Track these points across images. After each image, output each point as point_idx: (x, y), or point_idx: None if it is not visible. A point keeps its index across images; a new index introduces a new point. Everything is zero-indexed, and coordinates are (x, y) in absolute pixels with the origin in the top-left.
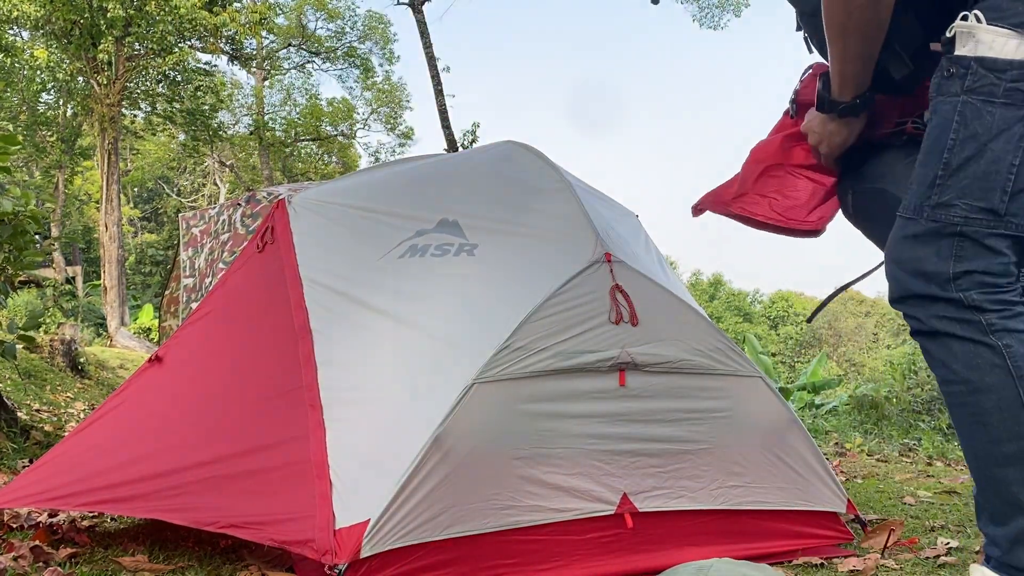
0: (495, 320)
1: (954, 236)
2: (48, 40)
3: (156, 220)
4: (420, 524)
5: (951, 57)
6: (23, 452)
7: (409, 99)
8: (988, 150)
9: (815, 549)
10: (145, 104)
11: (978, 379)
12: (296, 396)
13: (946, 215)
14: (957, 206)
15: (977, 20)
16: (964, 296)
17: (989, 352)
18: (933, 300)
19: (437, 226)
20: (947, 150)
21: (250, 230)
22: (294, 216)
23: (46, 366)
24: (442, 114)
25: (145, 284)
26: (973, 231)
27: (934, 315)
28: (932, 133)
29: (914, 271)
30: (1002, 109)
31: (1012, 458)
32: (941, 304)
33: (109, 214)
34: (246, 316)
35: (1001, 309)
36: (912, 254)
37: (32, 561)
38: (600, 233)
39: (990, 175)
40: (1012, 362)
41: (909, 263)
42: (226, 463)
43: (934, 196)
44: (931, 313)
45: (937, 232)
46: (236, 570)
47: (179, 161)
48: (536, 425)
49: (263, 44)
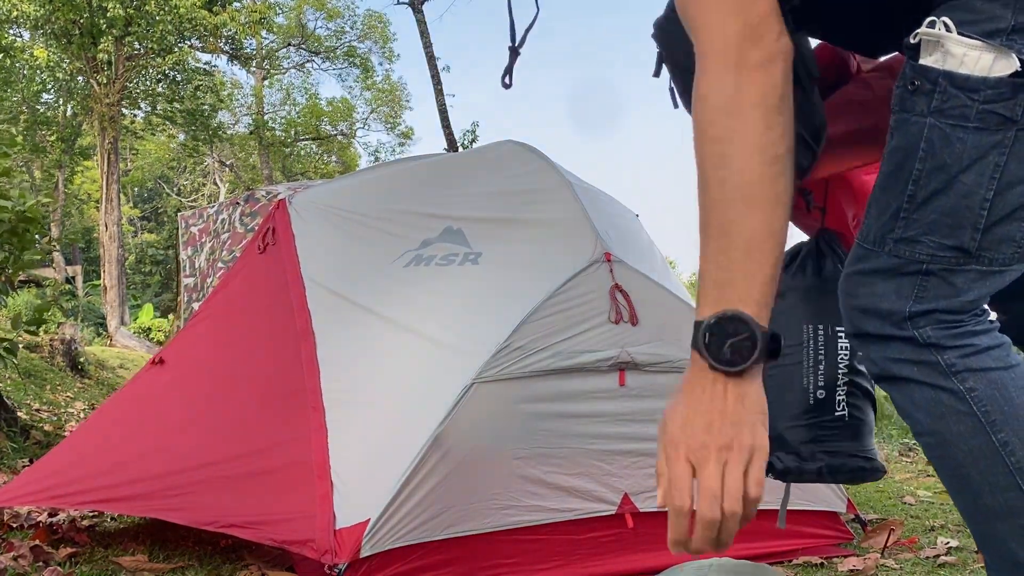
0: (495, 320)
1: (918, 274)
2: (48, 40)
3: (156, 220)
4: (420, 524)
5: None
6: (23, 452)
7: (409, 99)
8: (958, 183)
9: (815, 549)
10: (145, 104)
11: (945, 429)
12: (298, 398)
13: (910, 252)
14: (923, 243)
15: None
16: (918, 334)
17: (951, 398)
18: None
19: (442, 235)
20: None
21: (249, 228)
22: (295, 217)
23: (46, 366)
24: (442, 114)
25: (145, 284)
26: (939, 268)
27: (889, 357)
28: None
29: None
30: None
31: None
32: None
33: (109, 214)
34: (248, 318)
35: (962, 346)
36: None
37: (32, 561)
38: (600, 233)
39: (960, 211)
40: (978, 407)
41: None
42: (227, 464)
43: (898, 230)
44: (886, 355)
45: (899, 269)
46: (236, 570)
47: (179, 161)
48: (536, 425)
49: (263, 44)
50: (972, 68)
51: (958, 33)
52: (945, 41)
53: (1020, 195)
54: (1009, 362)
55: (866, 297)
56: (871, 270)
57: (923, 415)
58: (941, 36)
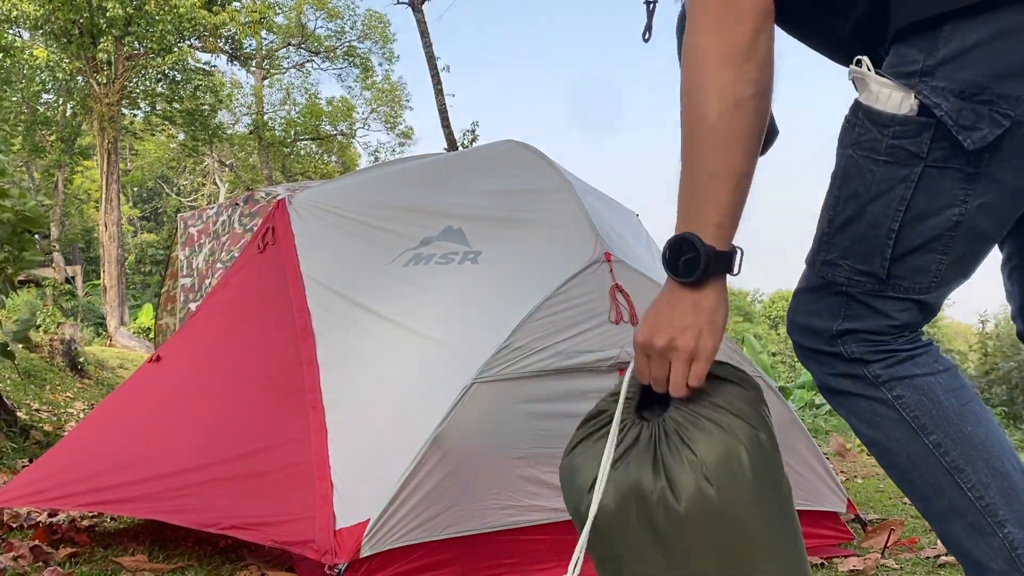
0: (495, 320)
1: (841, 295)
2: (48, 39)
3: (156, 220)
4: (420, 524)
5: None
6: (23, 452)
7: (409, 99)
8: (867, 212)
9: (815, 549)
10: (144, 104)
11: (883, 438)
12: (297, 398)
13: (831, 274)
14: (841, 266)
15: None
16: (844, 350)
17: (884, 407)
18: (822, 355)
19: (442, 234)
20: (832, 207)
21: (248, 229)
22: (295, 217)
23: (46, 366)
24: (442, 114)
25: (145, 284)
26: (857, 292)
27: (826, 372)
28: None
29: (805, 326)
30: (883, 168)
31: (947, 514)
32: (829, 359)
33: (109, 214)
34: (247, 317)
35: (884, 358)
36: (806, 308)
37: (32, 561)
38: (600, 233)
39: (869, 239)
40: (907, 413)
41: (801, 317)
42: (227, 464)
43: (823, 252)
44: (824, 370)
45: (826, 288)
46: (236, 570)
47: (179, 161)
48: (536, 425)
49: (262, 43)
50: (884, 105)
51: (876, 72)
52: (867, 79)
53: (932, 228)
54: (936, 368)
55: (804, 315)
56: (807, 288)
57: (863, 426)
58: (864, 74)
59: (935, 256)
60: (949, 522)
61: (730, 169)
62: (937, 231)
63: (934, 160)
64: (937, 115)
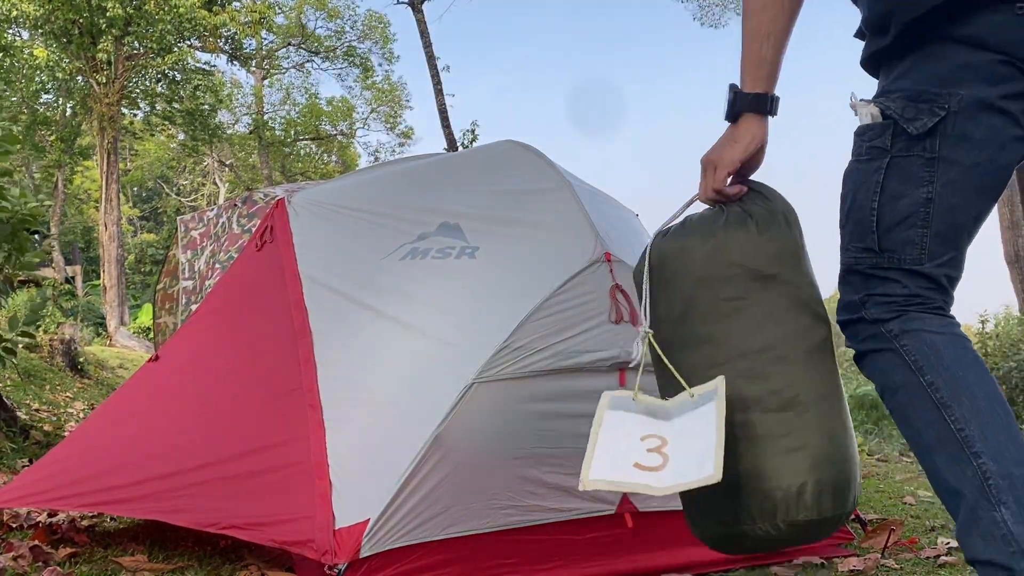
0: (495, 320)
1: (858, 273)
2: (47, 39)
3: (156, 220)
4: (420, 524)
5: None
6: (23, 452)
7: (409, 99)
8: (856, 200)
9: (815, 549)
10: (144, 104)
11: (892, 382)
12: (296, 397)
13: (846, 257)
14: (850, 249)
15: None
16: (866, 313)
17: (894, 355)
18: (854, 324)
19: (438, 229)
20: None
21: (246, 230)
22: (294, 216)
23: (46, 366)
24: (442, 114)
25: (144, 283)
26: (866, 268)
27: (858, 340)
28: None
29: (840, 305)
30: (864, 165)
31: (933, 446)
32: (858, 327)
33: (108, 213)
34: (246, 316)
35: (897, 315)
36: (841, 291)
37: (32, 561)
38: (600, 233)
39: (861, 221)
40: (909, 357)
41: (840, 300)
42: (226, 464)
43: (843, 239)
44: (857, 339)
45: (848, 272)
46: (236, 570)
47: (178, 161)
48: (536, 425)
49: (262, 43)
50: (863, 120)
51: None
52: (855, 105)
53: (908, 206)
54: (948, 330)
55: (841, 297)
56: (839, 278)
57: (879, 376)
58: (854, 103)
59: (917, 231)
60: (934, 454)
61: (761, 29)
62: (913, 208)
63: (898, 151)
64: (889, 114)
